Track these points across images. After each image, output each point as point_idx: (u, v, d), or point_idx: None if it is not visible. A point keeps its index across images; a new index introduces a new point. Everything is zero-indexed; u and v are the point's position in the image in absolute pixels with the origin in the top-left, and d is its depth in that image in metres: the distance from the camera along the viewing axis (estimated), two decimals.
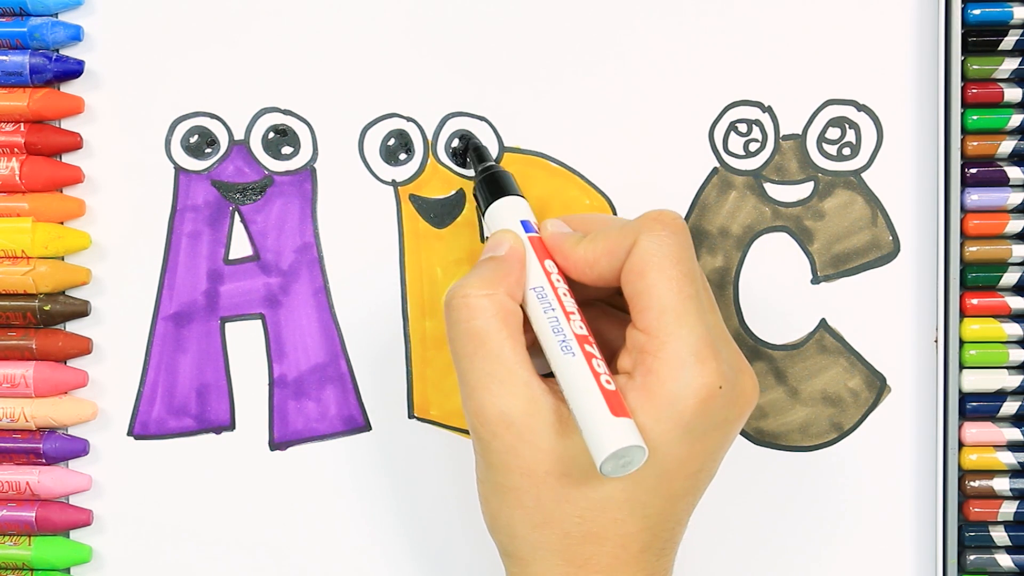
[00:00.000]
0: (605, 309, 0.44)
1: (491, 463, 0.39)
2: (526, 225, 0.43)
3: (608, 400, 0.37)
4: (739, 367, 0.40)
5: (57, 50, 0.49)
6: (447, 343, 0.41)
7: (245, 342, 0.49)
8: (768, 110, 0.48)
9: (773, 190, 0.48)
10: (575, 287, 0.42)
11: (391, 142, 0.49)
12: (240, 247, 0.49)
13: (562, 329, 0.39)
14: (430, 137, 0.49)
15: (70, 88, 0.49)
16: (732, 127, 0.48)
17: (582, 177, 0.49)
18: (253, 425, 0.49)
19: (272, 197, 0.49)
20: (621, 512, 0.39)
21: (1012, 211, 0.47)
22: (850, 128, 0.48)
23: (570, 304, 0.40)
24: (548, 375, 0.40)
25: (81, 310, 0.49)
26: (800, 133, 0.48)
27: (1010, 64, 0.47)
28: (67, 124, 0.49)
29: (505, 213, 0.44)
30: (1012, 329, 0.47)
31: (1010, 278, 0.47)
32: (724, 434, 0.40)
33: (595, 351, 0.39)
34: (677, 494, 0.40)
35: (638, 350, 0.39)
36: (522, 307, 0.41)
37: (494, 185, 0.45)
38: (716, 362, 0.38)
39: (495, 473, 0.39)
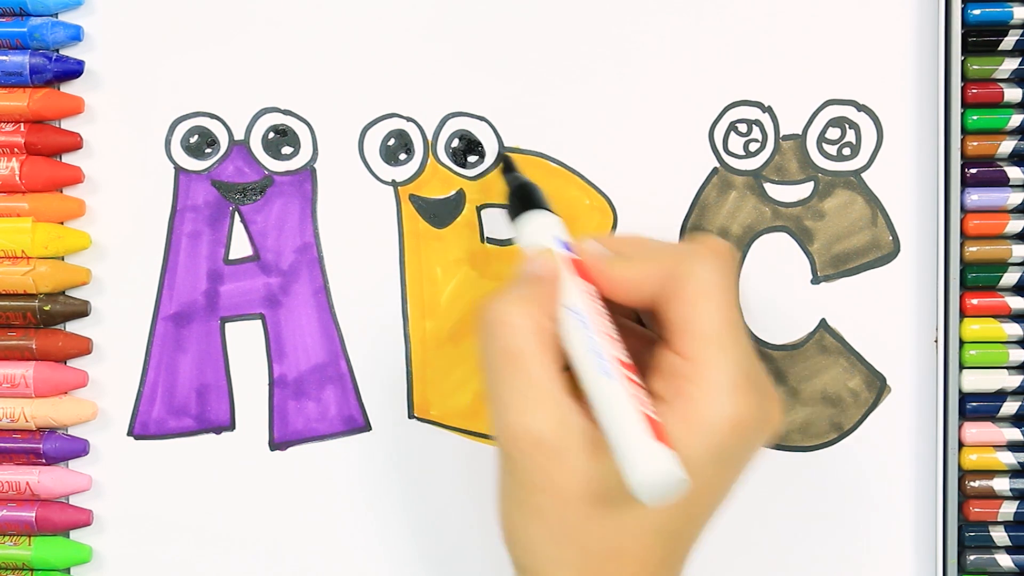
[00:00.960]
0: (624, 323, 0.44)
1: (518, 481, 0.39)
2: (561, 242, 0.42)
3: (650, 426, 0.37)
4: (768, 393, 0.40)
5: (57, 50, 0.49)
6: (481, 363, 0.40)
7: (245, 342, 0.49)
8: (768, 110, 0.48)
9: (773, 190, 0.48)
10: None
11: (391, 142, 0.49)
12: (240, 247, 0.49)
13: (599, 351, 0.39)
14: (430, 137, 0.49)
15: (70, 88, 0.49)
16: (732, 127, 0.48)
17: (582, 177, 0.49)
18: (253, 425, 0.49)
19: (272, 197, 0.49)
20: (645, 532, 0.39)
21: (1012, 211, 0.47)
22: (850, 128, 0.48)
23: (607, 326, 0.39)
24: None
25: (81, 310, 0.49)
26: (800, 133, 0.48)
27: (1010, 64, 0.47)
28: (67, 124, 0.49)
29: (539, 228, 0.43)
30: (1012, 329, 0.47)
31: (1010, 278, 0.47)
32: (749, 459, 0.40)
33: (633, 375, 0.38)
34: (699, 515, 0.40)
35: (673, 374, 0.39)
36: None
37: (525, 198, 0.45)
38: (753, 392, 0.38)
39: (520, 490, 0.39)
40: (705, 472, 0.38)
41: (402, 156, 0.49)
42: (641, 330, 0.43)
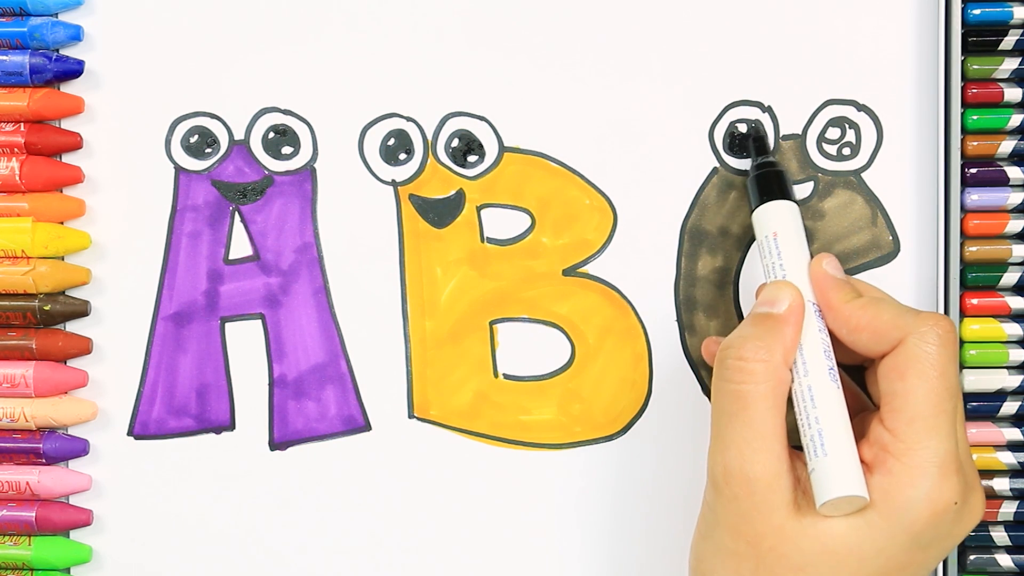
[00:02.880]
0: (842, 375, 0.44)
1: (722, 522, 0.40)
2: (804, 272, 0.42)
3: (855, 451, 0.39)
4: (973, 484, 0.40)
5: (57, 50, 0.49)
6: (712, 398, 0.41)
7: (245, 342, 0.49)
8: (768, 110, 0.48)
9: None
10: None
11: (391, 142, 0.49)
12: (240, 247, 0.49)
13: (824, 411, 0.40)
14: (430, 137, 0.49)
15: (70, 88, 0.49)
16: (732, 127, 0.48)
17: (582, 177, 0.49)
18: (253, 425, 0.49)
19: (272, 197, 0.49)
20: None
21: (1012, 211, 0.47)
22: (850, 128, 0.48)
23: (837, 379, 0.40)
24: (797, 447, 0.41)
25: (81, 310, 0.49)
26: (800, 133, 0.48)
27: (1010, 64, 0.47)
28: (67, 124, 0.49)
29: (789, 246, 0.43)
30: (1012, 329, 0.47)
31: (1010, 278, 0.47)
32: (946, 547, 0.40)
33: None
34: None
35: (881, 447, 0.39)
36: None
37: (769, 185, 0.45)
38: (957, 478, 0.38)
39: (722, 532, 0.40)
40: (898, 552, 0.38)
41: (402, 156, 0.49)
42: (852, 385, 0.44)
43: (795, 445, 0.40)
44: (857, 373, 0.44)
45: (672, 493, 0.48)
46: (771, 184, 0.45)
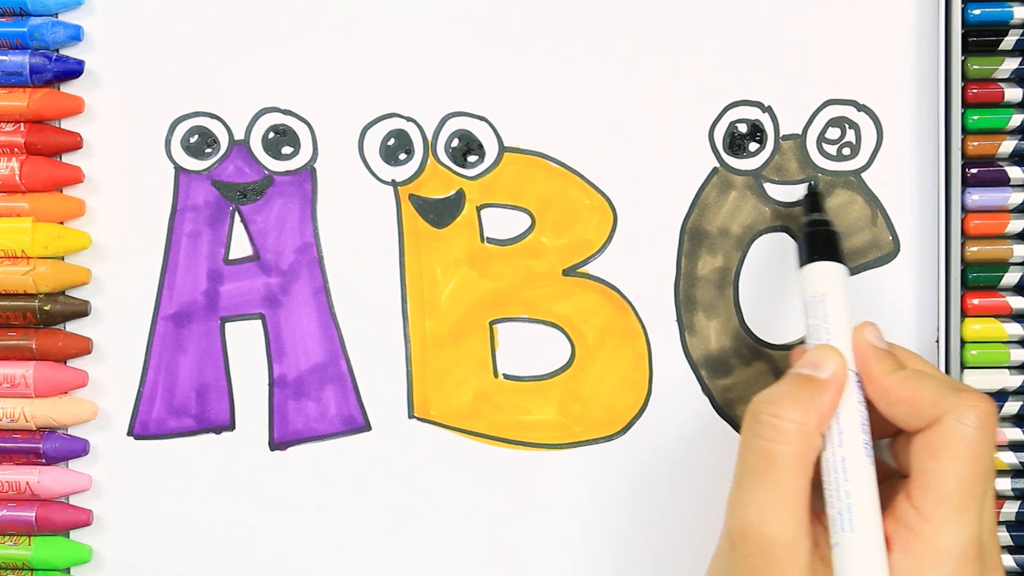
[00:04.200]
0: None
1: (734, 575, 0.39)
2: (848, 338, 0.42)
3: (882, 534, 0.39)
4: (993, 564, 0.40)
5: (57, 50, 0.49)
6: (739, 448, 0.40)
7: (245, 342, 0.49)
8: (768, 110, 0.48)
9: (773, 190, 0.48)
10: None
11: (391, 142, 0.49)
12: (240, 247, 0.49)
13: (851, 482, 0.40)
14: (430, 137, 0.49)
15: (70, 88, 0.49)
16: (732, 127, 0.48)
17: (582, 177, 0.49)
18: (253, 425, 0.49)
19: (272, 197, 0.49)
20: None
21: (1013, 211, 0.47)
22: (850, 128, 0.48)
23: (871, 455, 0.40)
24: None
25: (81, 310, 0.49)
26: (800, 133, 0.48)
27: (1010, 64, 0.47)
28: (67, 124, 0.49)
29: (836, 310, 0.42)
30: (1013, 329, 0.47)
31: (1011, 278, 0.47)
32: None
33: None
34: None
35: (905, 524, 0.39)
36: None
37: (821, 244, 0.44)
38: (978, 563, 0.38)
39: None
40: None
41: (402, 156, 0.49)
42: (881, 460, 0.43)
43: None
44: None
45: (672, 493, 0.48)
46: (826, 244, 0.44)
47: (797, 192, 0.48)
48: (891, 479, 0.41)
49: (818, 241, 0.44)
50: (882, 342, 0.42)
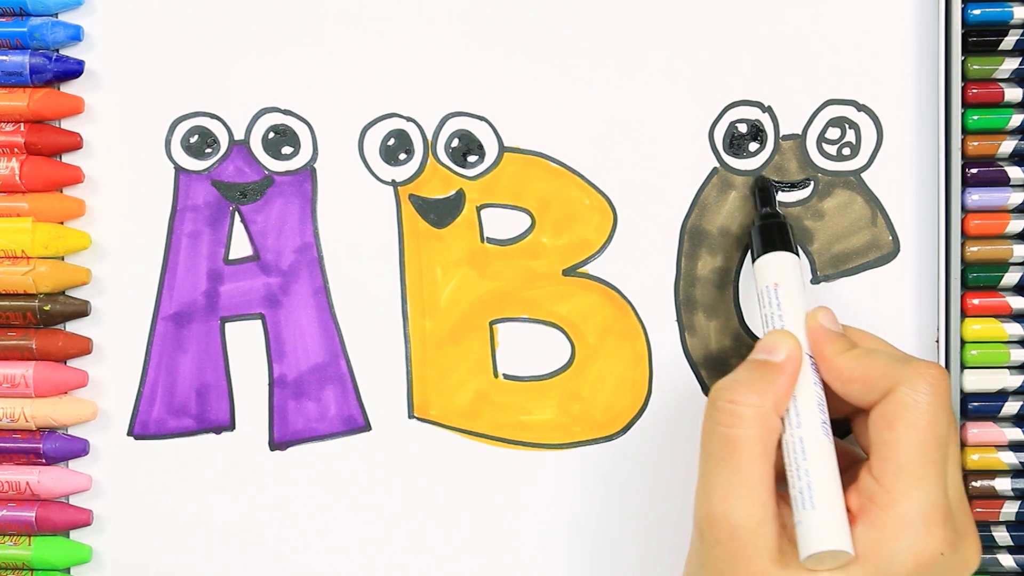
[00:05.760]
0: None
1: (706, 566, 0.39)
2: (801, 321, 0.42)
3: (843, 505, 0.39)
4: (965, 532, 0.40)
5: (57, 50, 0.49)
6: (701, 438, 0.40)
7: (245, 342, 0.49)
8: (768, 110, 0.48)
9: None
10: None
11: (391, 142, 0.49)
12: (240, 247, 0.49)
13: (809, 463, 0.40)
14: (430, 137, 0.49)
15: (70, 88, 0.49)
16: (732, 127, 0.48)
17: (582, 177, 0.49)
18: (253, 425, 0.49)
19: (272, 197, 0.49)
20: None
21: (1013, 211, 0.47)
22: (850, 128, 0.48)
23: (829, 434, 0.40)
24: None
25: (81, 310, 0.49)
26: (800, 133, 0.48)
27: (1010, 64, 0.47)
28: (67, 124, 0.49)
29: (788, 298, 0.43)
30: (1013, 329, 0.47)
31: (1011, 278, 0.47)
32: None
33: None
34: None
35: (868, 497, 0.39)
36: None
37: (771, 236, 0.45)
38: (943, 529, 0.38)
39: (704, 571, 0.40)
40: None
41: (402, 156, 0.49)
42: (840, 442, 0.43)
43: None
44: (843, 424, 0.43)
45: (672, 493, 0.48)
46: (774, 236, 0.45)
47: (797, 194, 0.48)
48: (857, 463, 0.41)
49: (768, 234, 0.45)
50: (836, 325, 0.42)
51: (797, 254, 0.45)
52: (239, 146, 0.49)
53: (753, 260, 0.45)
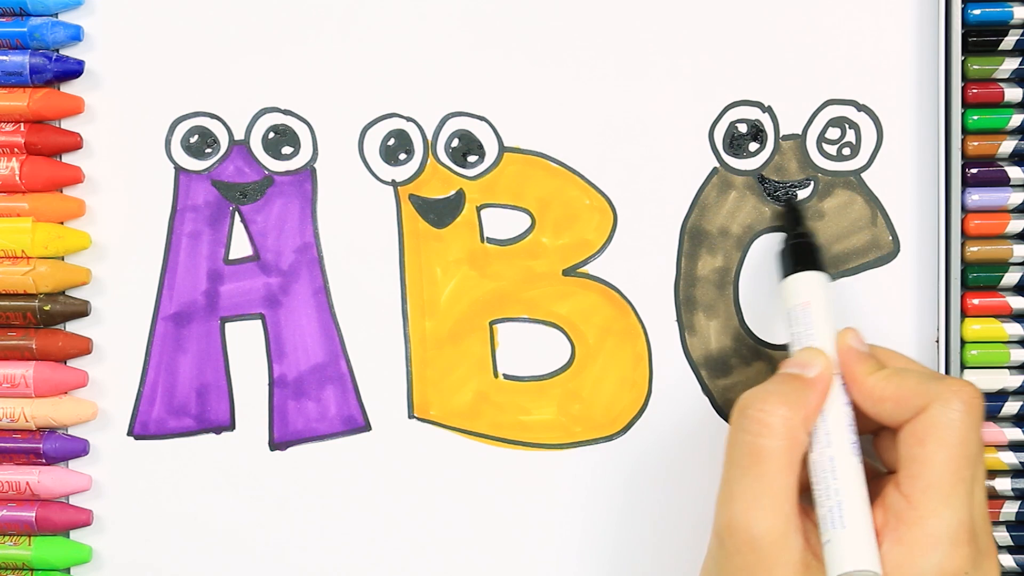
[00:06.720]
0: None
1: (724, 572, 0.39)
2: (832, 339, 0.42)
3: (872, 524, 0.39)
4: (987, 551, 0.40)
5: (57, 50, 0.49)
6: (726, 445, 0.40)
7: (245, 342, 0.49)
8: (768, 110, 0.48)
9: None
10: None
11: (391, 142, 0.49)
12: (240, 247, 0.49)
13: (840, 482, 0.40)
14: (430, 137, 0.49)
15: (70, 88, 0.49)
16: (732, 127, 0.48)
17: (582, 177, 0.49)
18: (253, 425, 0.49)
19: (272, 197, 0.49)
20: None
21: (1013, 211, 0.47)
22: (850, 128, 0.48)
23: (859, 454, 0.40)
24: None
25: (81, 310, 0.49)
26: (800, 133, 0.48)
27: (1010, 64, 0.47)
28: (67, 124, 0.49)
29: (819, 317, 0.43)
30: (1013, 329, 0.47)
31: (1011, 278, 0.47)
32: None
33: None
34: None
35: (895, 514, 0.39)
36: None
37: (803, 256, 0.45)
38: (969, 548, 0.38)
39: None
40: None
41: (402, 156, 0.49)
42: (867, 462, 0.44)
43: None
44: (866, 440, 0.43)
45: (672, 493, 0.48)
46: (806, 256, 0.45)
47: (798, 192, 0.48)
48: (879, 477, 0.41)
49: (800, 253, 0.45)
50: (863, 345, 0.42)
51: (827, 272, 0.45)
52: (239, 146, 0.49)
53: (782, 278, 0.45)
